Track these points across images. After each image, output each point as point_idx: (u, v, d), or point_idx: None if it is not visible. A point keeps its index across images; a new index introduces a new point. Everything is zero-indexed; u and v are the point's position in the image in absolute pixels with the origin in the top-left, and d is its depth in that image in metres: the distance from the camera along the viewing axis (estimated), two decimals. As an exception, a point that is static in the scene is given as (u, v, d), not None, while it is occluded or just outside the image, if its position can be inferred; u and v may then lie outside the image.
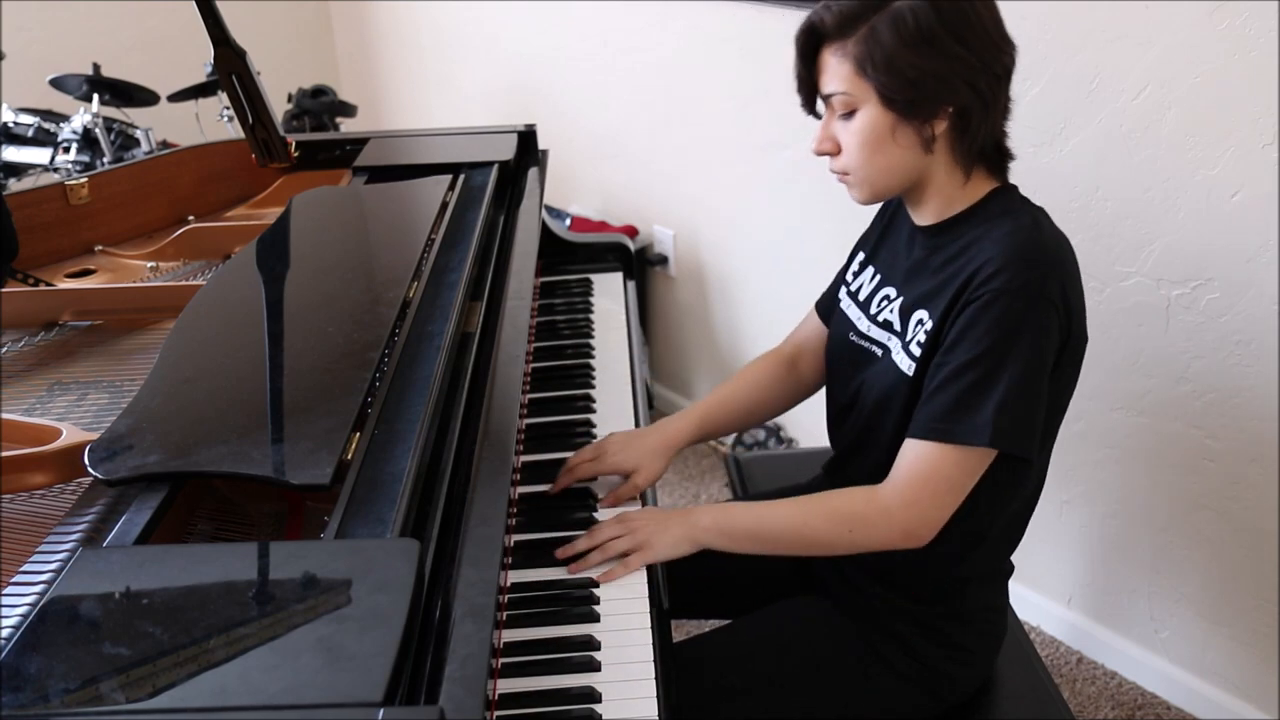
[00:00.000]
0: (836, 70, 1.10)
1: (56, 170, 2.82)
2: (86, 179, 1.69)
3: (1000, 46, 1.09)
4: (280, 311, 1.22)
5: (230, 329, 1.19)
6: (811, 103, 1.17)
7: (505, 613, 1.10)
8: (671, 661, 1.09)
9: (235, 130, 2.02)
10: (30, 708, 0.67)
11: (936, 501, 1.11)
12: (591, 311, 1.74)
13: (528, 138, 1.87)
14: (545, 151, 1.91)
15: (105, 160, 2.81)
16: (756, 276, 2.55)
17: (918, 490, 1.11)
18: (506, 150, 1.78)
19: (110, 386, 1.27)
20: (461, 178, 1.67)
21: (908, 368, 1.15)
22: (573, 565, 1.17)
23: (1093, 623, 2.05)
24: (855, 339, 1.27)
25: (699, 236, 2.66)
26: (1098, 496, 1.95)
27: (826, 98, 1.13)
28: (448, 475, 1.02)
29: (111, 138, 2.86)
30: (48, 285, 1.55)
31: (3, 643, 0.73)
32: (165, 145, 2.93)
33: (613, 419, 1.45)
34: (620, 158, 2.81)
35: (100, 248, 1.70)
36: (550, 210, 2.03)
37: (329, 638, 0.72)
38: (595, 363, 1.58)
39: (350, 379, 1.04)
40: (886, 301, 1.23)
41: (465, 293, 1.29)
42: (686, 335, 2.84)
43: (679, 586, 1.30)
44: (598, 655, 1.05)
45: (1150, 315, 1.75)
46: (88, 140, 2.84)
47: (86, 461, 0.94)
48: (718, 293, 2.68)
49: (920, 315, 1.15)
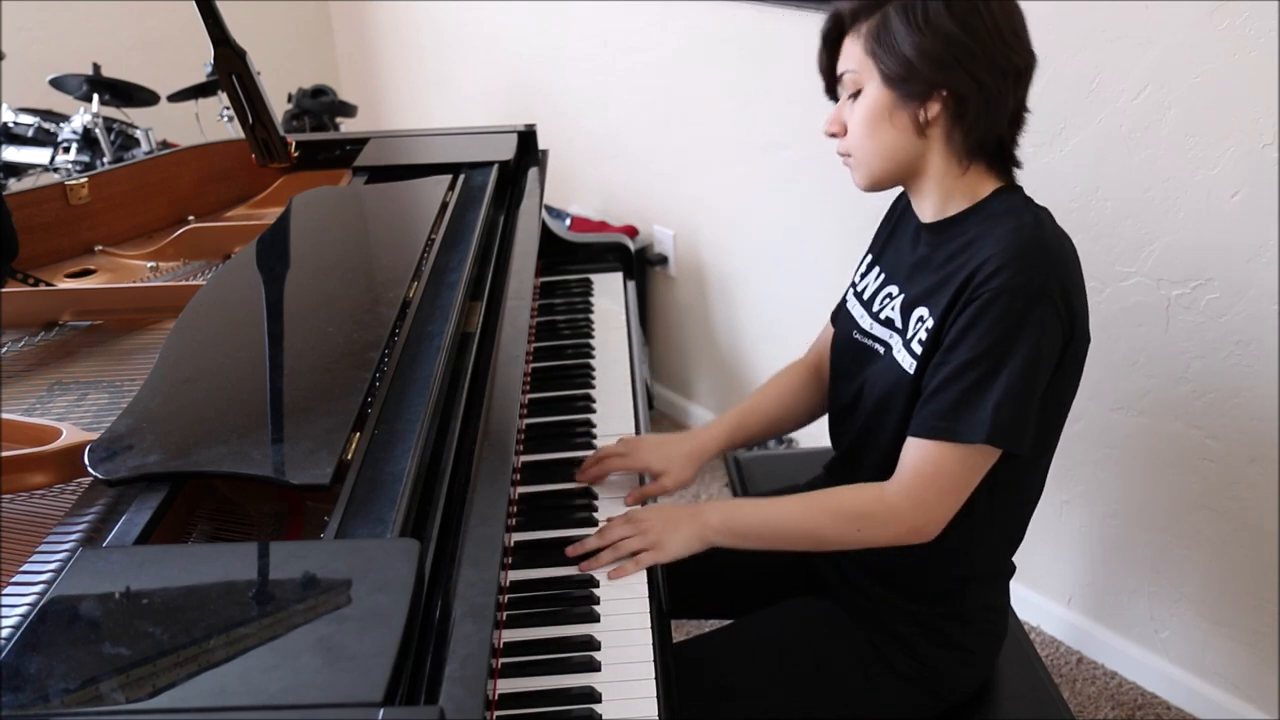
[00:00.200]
0: (851, 50, 1.16)
1: (56, 170, 2.82)
2: (86, 179, 1.69)
3: (1010, 44, 1.10)
4: (280, 311, 1.22)
5: (230, 329, 1.19)
6: (833, 89, 1.22)
7: (505, 613, 1.10)
8: (671, 661, 1.09)
9: (235, 130, 2.02)
10: (30, 708, 0.67)
11: (942, 499, 1.12)
12: (591, 311, 1.74)
13: (528, 138, 1.87)
14: (545, 151, 1.91)
15: (105, 160, 2.81)
16: (756, 276, 2.55)
17: (923, 489, 1.12)
18: (506, 150, 1.78)
19: (110, 386, 1.27)
20: (461, 178, 1.67)
21: (909, 365, 1.15)
22: (584, 564, 1.17)
23: (1093, 623, 2.05)
24: (858, 336, 1.27)
25: (699, 236, 2.66)
26: (1098, 496, 1.95)
27: (840, 79, 1.18)
28: (448, 475, 1.02)
29: (111, 138, 2.86)
30: (48, 285, 1.55)
31: (3, 643, 0.73)
32: (165, 145, 2.93)
33: (613, 419, 1.45)
34: (620, 158, 2.81)
35: (100, 248, 1.70)
36: (550, 210, 2.03)
37: (329, 638, 0.72)
38: (595, 363, 1.58)
39: (350, 379, 1.04)
40: (889, 299, 1.23)
41: (465, 293, 1.29)
42: (686, 335, 2.84)
43: (679, 586, 1.30)
44: (598, 655, 1.05)
45: (1150, 315, 1.75)
46: (88, 140, 2.84)
47: (86, 461, 0.94)
48: (718, 293, 2.68)
49: (921, 312, 1.15)
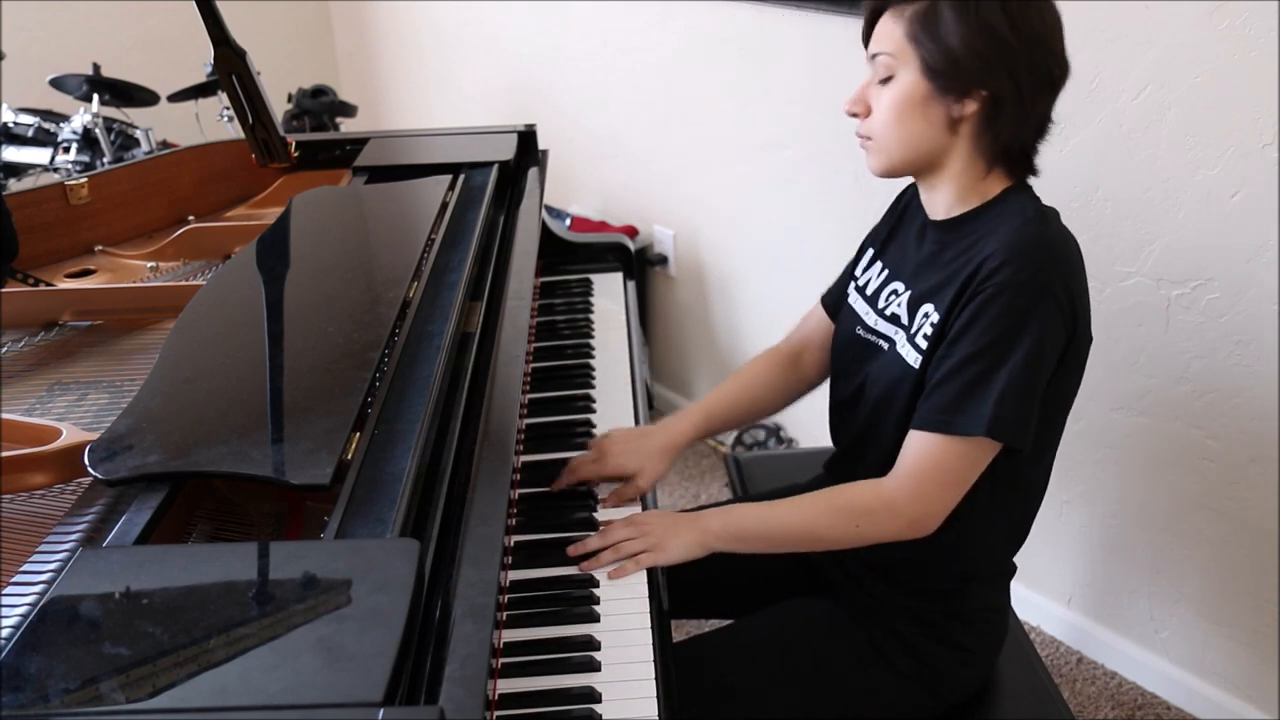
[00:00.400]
0: (889, 32, 1.12)
1: (56, 170, 2.82)
2: (86, 179, 1.69)
3: (1054, 53, 1.09)
4: (280, 311, 1.22)
5: (230, 329, 1.19)
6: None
7: (505, 613, 1.10)
8: (671, 661, 1.09)
9: (235, 130, 2.02)
10: (30, 708, 0.67)
11: (941, 493, 1.12)
12: (591, 311, 1.74)
13: (528, 138, 1.87)
14: (545, 151, 1.91)
15: (105, 160, 2.81)
16: (756, 276, 2.55)
17: (922, 482, 1.12)
18: (506, 150, 1.78)
19: (110, 386, 1.27)
20: (461, 178, 1.67)
21: (914, 360, 1.15)
22: (584, 564, 1.17)
23: (1093, 623, 2.05)
24: (862, 332, 1.27)
25: (699, 236, 2.66)
26: (1098, 496, 1.95)
27: (873, 58, 1.15)
28: (448, 475, 1.02)
29: (111, 138, 2.86)
30: (48, 285, 1.55)
31: (3, 643, 0.73)
32: (165, 145, 2.93)
33: (613, 419, 1.45)
34: (620, 158, 2.81)
35: (100, 248, 1.70)
36: (550, 210, 2.03)
37: (329, 638, 0.72)
38: (595, 363, 1.58)
39: (350, 379, 1.04)
40: (894, 296, 1.23)
41: (465, 293, 1.29)
42: (686, 335, 2.84)
43: (679, 586, 1.30)
44: (598, 655, 1.05)
45: (1150, 315, 1.75)
46: (88, 140, 2.84)
47: (86, 461, 0.94)
48: (718, 293, 2.68)
49: (927, 309, 1.15)
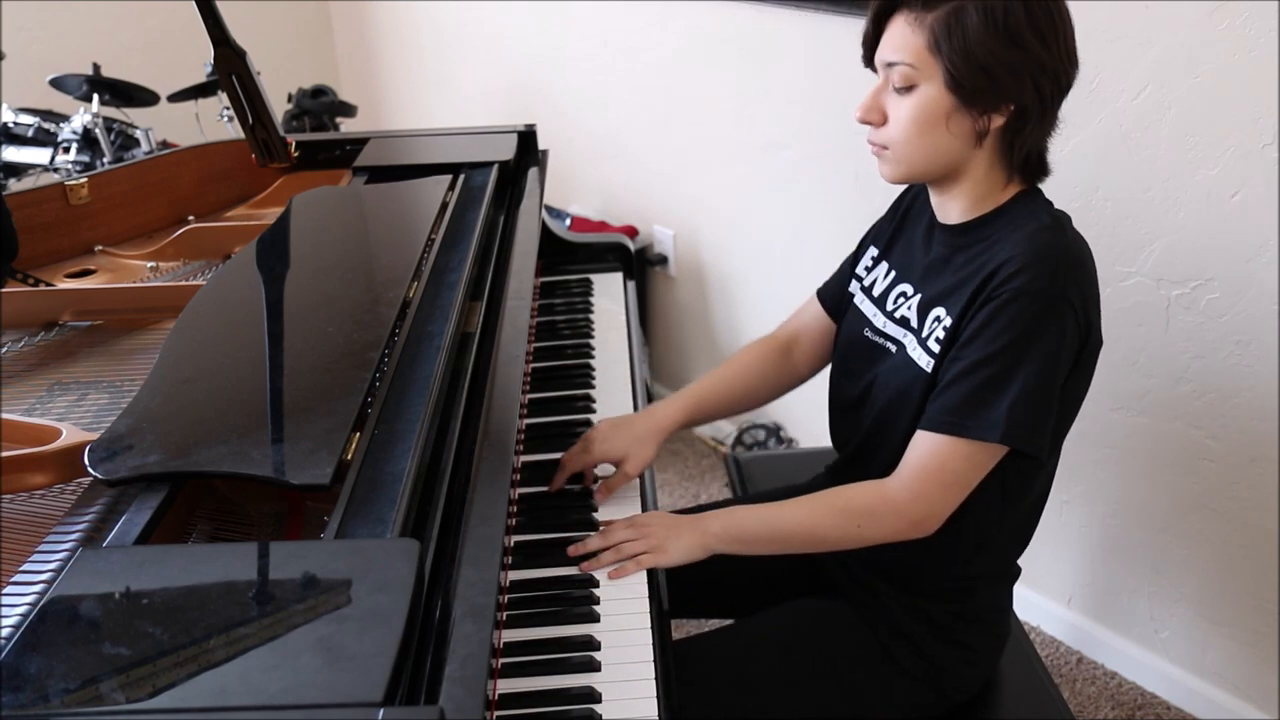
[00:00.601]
0: (907, 40, 1.07)
1: (56, 170, 2.82)
2: (86, 179, 1.69)
3: (1071, 58, 1.08)
4: (280, 311, 1.22)
5: (230, 329, 1.19)
6: (871, 59, 1.14)
7: (505, 613, 1.10)
8: (671, 661, 1.09)
9: (235, 130, 2.02)
10: (30, 708, 0.67)
11: (944, 494, 1.11)
12: (591, 311, 1.74)
13: (528, 138, 1.87)
14: (545, 151, 1.91)
15: (105, 160, 2.81)
16: (756, 276, 2.55)
17: (926, 482, 1.11)
18: (506, 150, 1.78)
19: (110, 386, 1.27)
20: (461, 178, 1.67)
21: (925, 364, 1.14)
22: (585, 564, 1.17)
23: (1093, 623, 2.05)
24: (870, 335, 1.26)
25: (699, 236, 2.66)
26: (1098, 496, 1.95)
27: (887, 65, 1.10)
28: (448, 475, 1.02)
29: (111, 138, 2.86)
30: (48, 285, 1.55)
31: (3, 643, 0.73)
32: (165, 145, 2.93)
33: (613, 419, 1.45)
34: (620, 158, 2.81)
35: (100, 248, 1.70)
36: (550, 210, 2.03)
37: (329, 638, 0.72)
38: (595, 363, 1.58)
39: (350, 379, 1.04)
40: (904, 298, 1.22)
41: (465, 293, 1.29)
42: (686, 335, 2.84)
43: (679, 586, 1.30)
44: (598, 655, 1.05)
45: (1150, 315, 1.75)
46: (88, 140, 2.84)
47: (86, 461, 0.94)
48: (718, 293, 2.68)
49: (938, 312, 1.14)
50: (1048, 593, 2.12)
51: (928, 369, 1.14)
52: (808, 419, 2.51)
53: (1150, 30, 1.61)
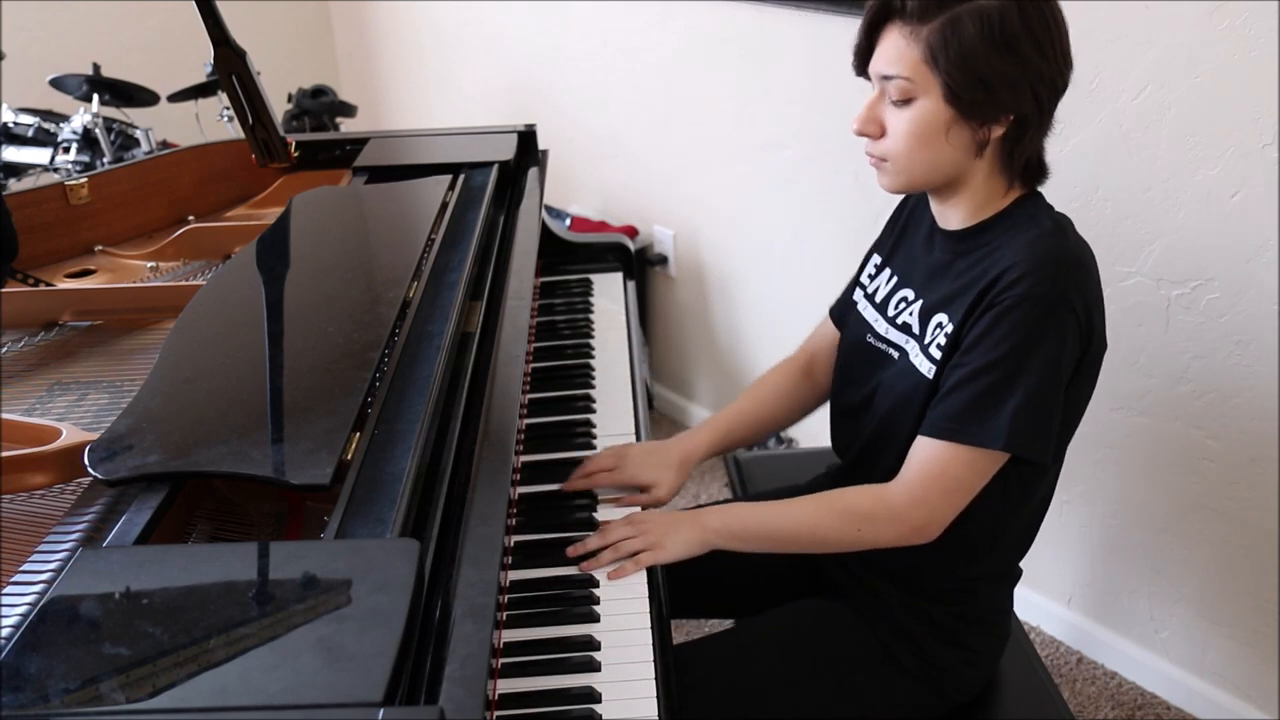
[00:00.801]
0: (903, 53, 1.05)
1: (56, 170, 2.82)
2: (86, 179, 1.69)
3: (1067, 61, 1.07)
4: (280, 311, 1.22)
5: (230, 329, 1.19)
6: (864, 69, 1.12)
7: (505, 613, 1.10)
8: (672, 661, 1.09)
9: (235, 130, 2.02)
10: (30, 708, 0.67)
11: (945, 500, 1.11)
12: (591, 311, 1.74)
13: (528, 138, 1.87)
14: (545, 151, 1.91)
15: (105, 160, 2.81)
16: (756, 276, 2.55)
17: (927, 488, 1.11)
18: (506, 150, 1.78)
19: (110, 386, 1.27)
20: (461, 178, 1.67)
21: (927, 370, 1.14)
22: (584, 564, 1.17)
23: (1093, 623, 2.05)
24: (872, 340, 1.26)
25: (699, 236, 2.66)
26: (1098, 496, 1.95)
27: (883, 78, 1.08)
28: (448, 475, 1.02)
29: (111, 138, 2.86)
30: (48, 285, 1.55)
31: (3, 643, 0.73)
32: (165, 145, 2.93)
33: (613, 419, 1.45)
34: (620, 158, 2.81)
35: (100, 248, 1.70)
36: (550, 210, 2.03)
37: (329, 638, 0.72)
38: (595, 363, 1.58)
39: (350, 379, 1.04)
40: (905, 304, 1.22)
41: (465, 293, 1.29)
42: (686, 335, 2.84)
43: (679, 585, 1.30)
44: (598, 655, 1.05)
45: (1150, 315, 1.75)
46: (88, 140, 2.84)
47: (86, 461, 0.94)
48: (718, 293, 2.68)
49: (940, 318, 1.14)
50: (1048, 593, 2.12)
51: (929, 375, 1.14)
52: (808, 420, 2.51)
53: (1150, 30, 1.61)
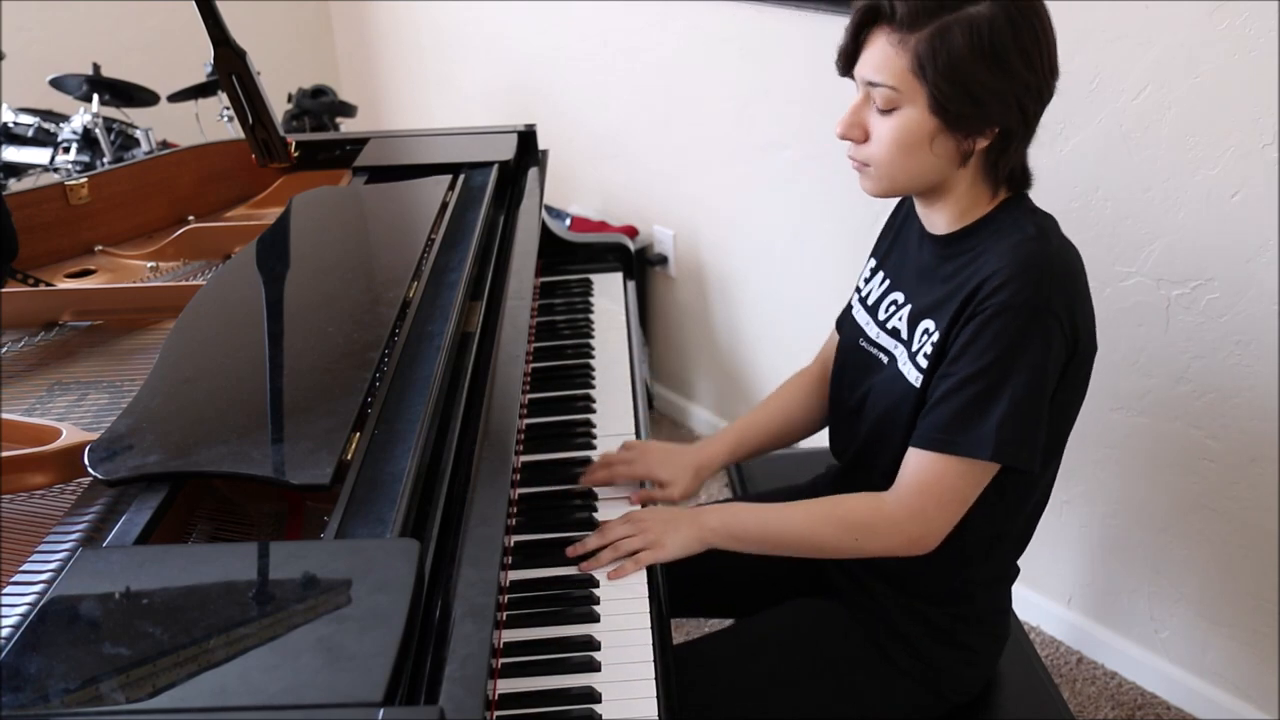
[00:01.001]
0: (891, 61, 1.04)
1: (56, 170, 2.82)
2: (86, 179, 1.69)
3: (1054, 72, 1.07)
4: (280, 311, 1.22)
5: (230, 329, 1.19)
6: (849, 70, 1.11)
7: (505, 613, 1.10)
8: (672, 661, 1.09)
9: (235, 130, 2.02)
10: (30, 708, 0.67)
11: (942, 511, 1.12)
12: (591, 311, 1.74)
13: (528, 138, 1.87)
14: (545, 151, 1.91)
15: (105, 160, 2.81)
16: (756, 276, 2.55)
17: (923, 500, 1.11)
18: (506, 150, 1.78)
19: (110, 386, 1.27)
20: (461, 178, 1.67)
21: (915, 379, 1.14)
22: (584, 564, 1.17)
23: (1093, 623, 2.05)
24: (864, 344, 1.26)
25: (699, 236, 2.66)
26: (1098, 496, 1.95)
27: (869, 84, 1.08)
28: (448, 475, 1.02)
29: (111, 138, 2.86)
30: (48, 285, 1.55)
31: (3, 643, 0.73)
32: (165, 145, 2.93)
33: (613, 419, 1.45)
34: (620, 158, 2.81)
35: (100, 248, 1.70)
36: (550, 210, 2.03)
37: (329, 638, 0.72)
38: (595, 363, 1.58)
39: (350, 379, 1.04)
40: (895, 307, 1.22)
41: (465, 293, 1.29)
42: (686, 335, 2.84)
43: (679, 586, 1.30)
44: (598, 655, 1.05)
45: (1150, 315, 1.75)
46: (88, 140, 2.84)
47: (86, 461, 0.94)
48: (718, 293, 2.68)
49: (927, 325, 1.14)
50: (1048, 593, 2.12)
51: (916, 385, 1.14)
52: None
53: (1150, 30, 1.61)
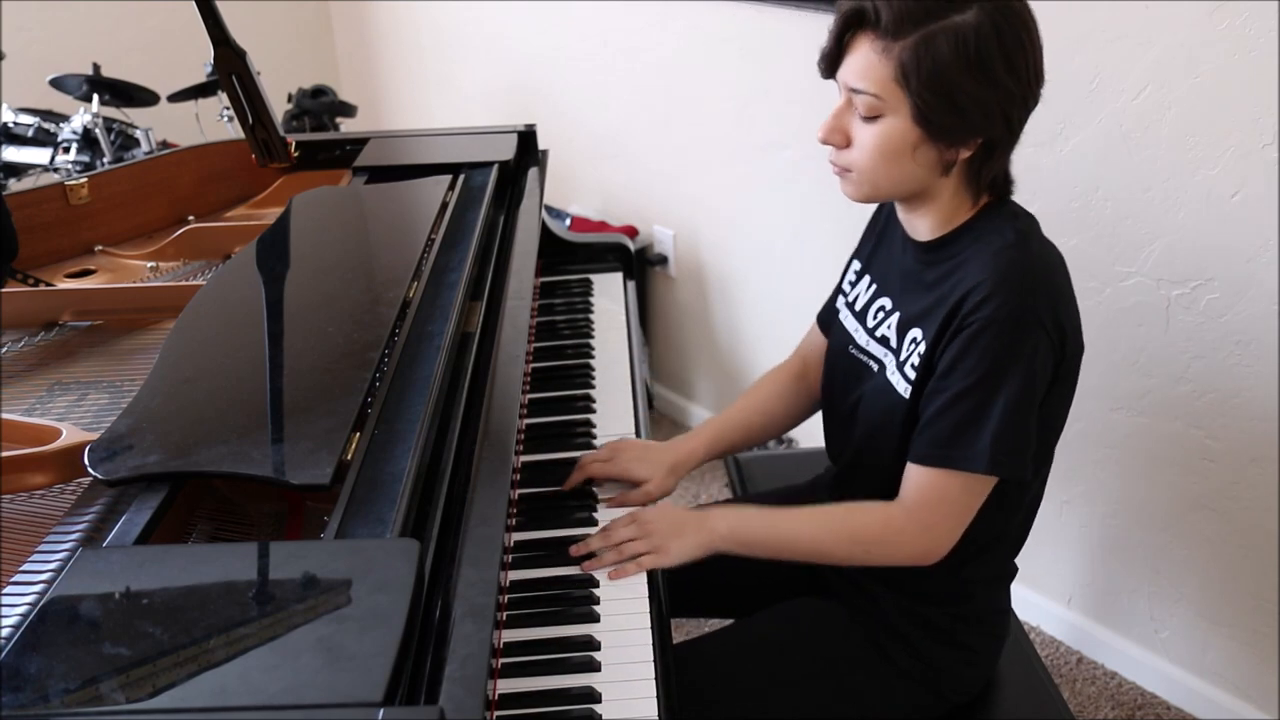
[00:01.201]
0: (874, 69, 1.03)
1: (56, 170, 2.82)
2: (86, 179, 1.69)
3: (1040, 80, 1.06)
4: (280, 311, 1.22)
5: (230, 329, 1.19)
6: (832, 73, 1.11)
7: (505, 613, 1.10)
8: (671, 661, 1.09)
9: (235, 130, 2.02)
10: (30, 708, 0.67)
11: (947, 524, 1.13)
12: (591, 311, 1.74)
13: (528, 138, 1.87)
14: (545, 151, 1.91)
15: (105, 160, 2.81)
16: (756, 276, 2.55)
17: (929, 514, 1.12)
18: (506, 150, 1.78)
19: (110, 386, 1.27)
20: (461, 178, 1.67)
21: (904, 390, 1.15)
22: (586, 564, 1.17)
23: (1093, 623, 2.05)
24: (854, 351, 1.26)
25: (699, 236, 2.66)
26: (1098, 496, 1.95)
27: (851, 90, 1.07)
28: (448, 475, 1.02)
29: (111, 138, 2.86)
30: (48, 285, 1.55)
31: (3, 643, 0.73)
32: (165, 145, 2.93)
33: (613, 419, 1.45)
34: (620, 158, 2.81)
35: (100, 248, 1.70)
36: (550, 210, 2.03)
37: (329, 638, 0.72)
38: (595, 363, 1.58)
39: (350, 379, 1.04)
40: (883, 313, 1.22)
41: (465, 293, 1.29)
42: (686, 335, 2.84)
43: (679, 586, 1.30)
44: (598, 655, 1.05)
45: (1150, 315, 1.75)
46: (88, 140, 2.84)
47: (86, 461, 0.94)
48: (718, 293, 2.68)
49: (915, 334, 1.14)
50: (1048, 593, 2.12)
51: (905, 396, 1.14)
52: (808, 420, 2.51)
53: (1150, 30, 1.61)
